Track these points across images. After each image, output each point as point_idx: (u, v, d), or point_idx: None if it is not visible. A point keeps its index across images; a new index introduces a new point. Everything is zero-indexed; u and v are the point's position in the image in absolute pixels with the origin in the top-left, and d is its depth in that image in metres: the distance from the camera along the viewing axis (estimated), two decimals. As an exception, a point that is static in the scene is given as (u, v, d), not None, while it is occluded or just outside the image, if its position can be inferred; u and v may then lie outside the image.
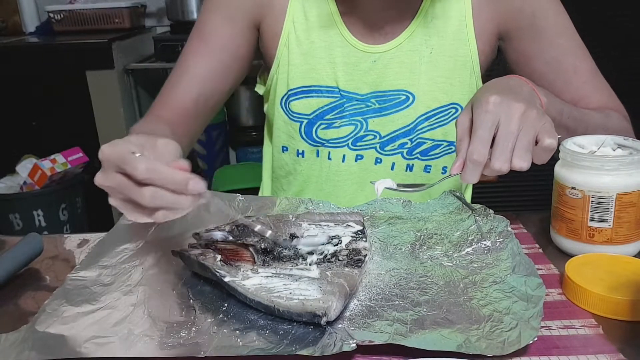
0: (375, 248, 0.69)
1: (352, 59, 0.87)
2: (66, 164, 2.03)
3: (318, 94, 0.89)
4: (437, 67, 0.86)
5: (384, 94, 0.88)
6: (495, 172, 0.62)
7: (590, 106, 0.85)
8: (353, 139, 0.90)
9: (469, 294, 0.58)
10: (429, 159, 0.90)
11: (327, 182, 0.93)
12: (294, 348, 0.50)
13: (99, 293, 0.61)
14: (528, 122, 0.61)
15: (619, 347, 0.51)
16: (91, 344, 0.52)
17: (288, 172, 0.96)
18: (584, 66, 0.86)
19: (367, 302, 0.57)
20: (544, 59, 0.85)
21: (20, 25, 2.52)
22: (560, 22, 0.86)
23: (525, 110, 0.61)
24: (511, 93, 0.64)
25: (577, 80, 0.85)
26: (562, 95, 0.84)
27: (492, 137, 0.62)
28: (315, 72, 0.88)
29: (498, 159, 0.61)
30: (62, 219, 2.07)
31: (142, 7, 2.50)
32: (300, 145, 0.92)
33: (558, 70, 0.86)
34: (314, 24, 0.87)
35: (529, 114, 0.61)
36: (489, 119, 0.62)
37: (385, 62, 0.87)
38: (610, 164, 0.63)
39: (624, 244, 0.65)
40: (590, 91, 0.86)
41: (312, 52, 0.88)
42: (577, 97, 0.85)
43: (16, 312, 0.62)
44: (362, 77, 0.88)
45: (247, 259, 0.63)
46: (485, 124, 0.61)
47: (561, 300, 0.59)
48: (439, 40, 0.86)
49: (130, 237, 0.73)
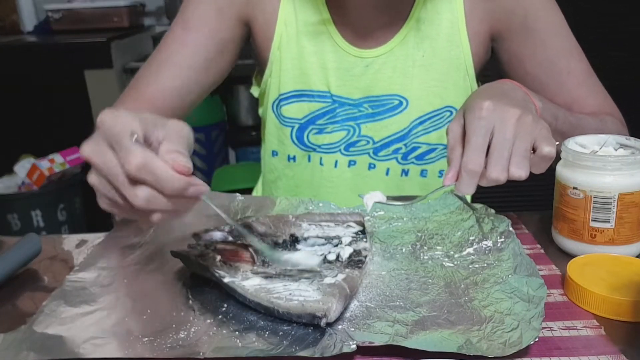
0: (376, 248, 0.68)
1: (344, 63, 0.86)
2: (64, 163, 2.03)
3: (310, 98, 0.88)
4: (430, 71, 0.85)
5: (376, 98, 0.87)
6: (492, 182, 0.59)
7: (585, 109, 0.83)
8: (345, 144, 0.89)
9: (470, 295, 0.58)
10: (425, 163, 0.89)
11: (320, 188, 0.92)
12: (294, 349, 0.50)
13: (97, 294, 0.60)
14: (524, 128, 0.59)
15: (620, 348, 0.51)
16: (89, 344, 0.51)
17: (277, 177, 0.95)
18: (578, 67, 0.84)
19: (367, 303, 0.57)
20: (537, 61, 0.84)
21: (19, 24, 2.52)
22: (553, 22, 0.84)
23: (520, 116, 0.59)
24: (505, 98, 0.62)
25: (571, 82, 0.84)
26: (556, 97, 0.83)
27: (487, 145, 0.59)
28: (307, 77, 0.87)
29: (495, 167, 0.58)
30: (60, 219, 2.07)
31: (141, 6, 2.50)
32: (291, 150, 0.91)
33: (551, 71, 0.84)
34: (305, 29, 0.86)
35: (525, 120, 0.59)
36: (482, 125, 0.59)
37: (378, 67, 0.86)
38: (612, 164, 0.63)
39: (626, 244, 0.65)
40: (584, 93, 0.84)
41: (304, 57, 0.87)
42: (571, 99, 0.84)
43: (14, 312, 0.61)
44: (354, 82, 0.87)
45: (247, 259, 0.63)
46: (479, 130, 0.59)
47: (563, 301, 0.59)
48: (431, 43, 0.85)
49: (130, 238, 0.73)
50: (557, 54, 0.84)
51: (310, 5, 0.86)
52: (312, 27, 0.86)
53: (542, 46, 0.84)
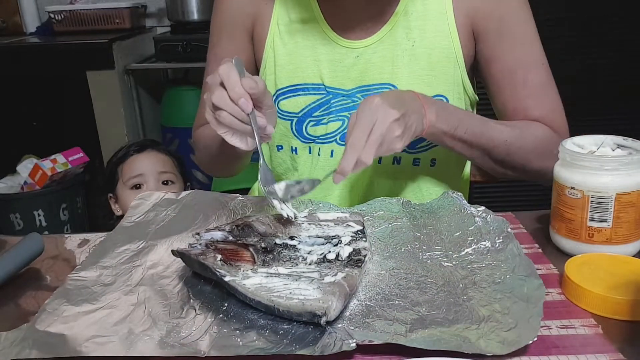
0: (375, 248, 0.69)
1: (335, 55, 0.89)
2: (67, 164, 2.03)
3: (305, 91, 0.90)
4: (420, 60, 0.87)
5: (368, 88, 0.89)
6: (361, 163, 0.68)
7: (530, 117, 0.87)
8: (341, 134, 0.91)
9: (468, 294, 0.58)
10: (416, 152, 0.91)
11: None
12: (294, 348, 0.50)
13: (99, 293, 0.61)
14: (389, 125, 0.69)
15: (618, 347, 0.51)
16: (91, 343, 0.52)
17: (287, 168, 0.97)
18: (535, 80, 0.87)
19: (366, 302, 0.57)
20: (500, 66, 0.88)
21: (21, 25, 2.53)
22: (524, 32, 0.87)
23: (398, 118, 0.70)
24: (396, 101, 0.72)
25: (523, 92, 0.87)
26: (507, 103, 0.88)
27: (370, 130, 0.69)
28: (301, 71, 0.90)
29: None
30: (62, 219, 2.08)
31: (142, 7, 2.50)
32: (294, 142, 0.94)
33: (509, 79, 0.88)
34: (297, 25, 0.90)
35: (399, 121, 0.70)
36: (367, 115, 0.69)
37: (368, 57, 0.88)
38: (610, 164, 0.63)
39: (623, 243, 0.65)
40: (532, 105, 0.87)
41: (297, 52, 0.90)
42: (520, 107, 0.88)
43: (17, 311, 0.62)
44: (346, 73, 0.89)
45: (247, 259, 0.63)
46: (364, 120, 0.69)
47: (561, 300, 0.59)
48: (420, 33, 0.87)
49: (131, 237, 0.73)
50: (518, 63, 0.87)
51: (301, 1, 0.90)
52: (304, 22, 0.90)
53: (508, 52, 0.87)
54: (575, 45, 2.24)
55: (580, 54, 2.26)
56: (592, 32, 2.28)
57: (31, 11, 2.53)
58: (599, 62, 2.30)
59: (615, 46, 2.28)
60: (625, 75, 2.30)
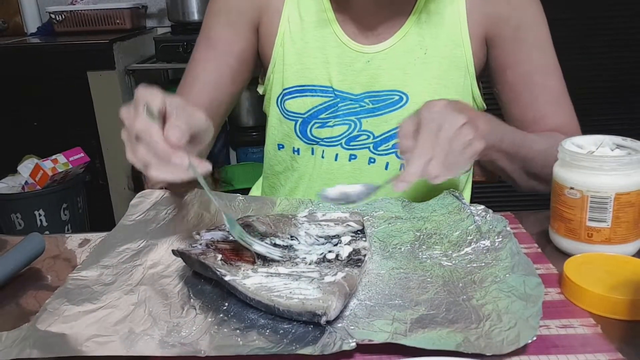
0: (375, 248, 0.69)
1: (345, 59, 0.88)
2: (67, 164, 2.04)
3: (312, 93, 0.90)
4: (431, 68, 0.87)
5: (377, 94, 0.88)
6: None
7: (548, 126, 0.87)
8: (346, 138, 0.91)
9: (468, 294, 0.58)
10: None
11: (319, 180, 0.94)
12: (294, 347, 0.51)
13: (100, 292, 0.61)
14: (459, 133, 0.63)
15: (617, 347, 0.51)
16: (92, 342, 0.52)
17: (286, 167, 0.97)
18: (553, 86, 0.87)
19: (366, 302, 0.58)
20: (518, 71, 0.87)
21: (22, 26, 2.53)
22: (541, 38, 0.87)
23: (465, 122, 0.64)
24: (458, 106, 0.66)
25: (543, 98, 0.87)
26: (526, 110, 0.87)
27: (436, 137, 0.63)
28: (310, 72, 0.89)
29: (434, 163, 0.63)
30: (63, 219, 2.08)
31: (143, 8, 2.50)
32: (296, 142, 0.93)
33: (528, 85, 0.87)
34: (308, 24, 0.89)
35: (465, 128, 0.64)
36: (434, 118, 0.63)
37: (379, 63, 0.88)
38: (609, 164, 0.63)
39: (623, 243, 0.65)
40: (552, 111, 0.87)
41: (306, 52, 0.89)
42: (539, 114, 0.87)
43: (17, 311, 0.62)
44: (356, 77, 0.88)
45: (248, 258, 0.63)
46: (430, 124, 0.63)
47: (560, 300, 0.59)
48: (433, 41, 0.87)
49: (132, 237, 0.73)
50: (536, 68, 0.87)
51: (314, 2, 0.88)
52: (315, 23, 0.88)
53: (526, 59, 0.86)
54: (575, 45, 2.24)
55: (579, 54, 2.26)
56: (592, 32, 2.28)
57: (32, 12, 2.53)
58: (599, 62, 2.30)
59: (615, 46, 2.28)
60: (625, 76, 2.30)
